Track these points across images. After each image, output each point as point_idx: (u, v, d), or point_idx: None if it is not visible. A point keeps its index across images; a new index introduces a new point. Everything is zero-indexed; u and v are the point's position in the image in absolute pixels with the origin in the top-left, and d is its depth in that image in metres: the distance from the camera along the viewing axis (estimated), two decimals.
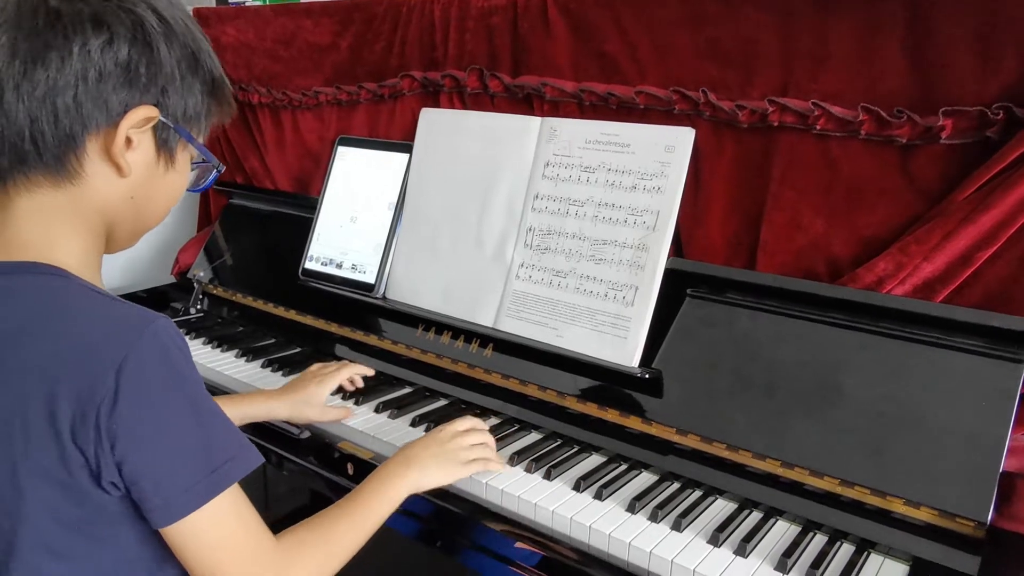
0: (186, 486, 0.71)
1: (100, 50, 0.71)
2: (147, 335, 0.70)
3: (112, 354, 0.68)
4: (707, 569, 0.89)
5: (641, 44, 1.21)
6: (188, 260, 1.86)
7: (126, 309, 0.73)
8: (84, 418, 0.67)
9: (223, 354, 1.52)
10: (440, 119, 1.45)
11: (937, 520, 0.90)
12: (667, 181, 1.16)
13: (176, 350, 0.72)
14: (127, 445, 0.68)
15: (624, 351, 1.15)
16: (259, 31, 1.74)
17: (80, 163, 0.74)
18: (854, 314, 1.02)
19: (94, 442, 0.68)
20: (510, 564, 0.99)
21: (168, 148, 0.79)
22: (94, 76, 0.71)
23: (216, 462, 0.73)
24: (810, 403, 1.01)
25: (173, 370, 0.71)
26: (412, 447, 1.03)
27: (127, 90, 0.73)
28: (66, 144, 0.72)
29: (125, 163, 0.75)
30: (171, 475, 0.71)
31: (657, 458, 1.10)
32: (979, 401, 0.92)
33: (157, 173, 0.79)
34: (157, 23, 0.74)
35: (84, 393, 0.67)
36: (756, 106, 1.11)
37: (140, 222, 0.82)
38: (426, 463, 1.00)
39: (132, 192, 0.78)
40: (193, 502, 0.72)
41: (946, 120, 0.97)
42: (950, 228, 0.97)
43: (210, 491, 0.72)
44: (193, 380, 0.74)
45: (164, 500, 0.71)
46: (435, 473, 1.00)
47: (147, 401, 0.69)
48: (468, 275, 1.35)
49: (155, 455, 0.70)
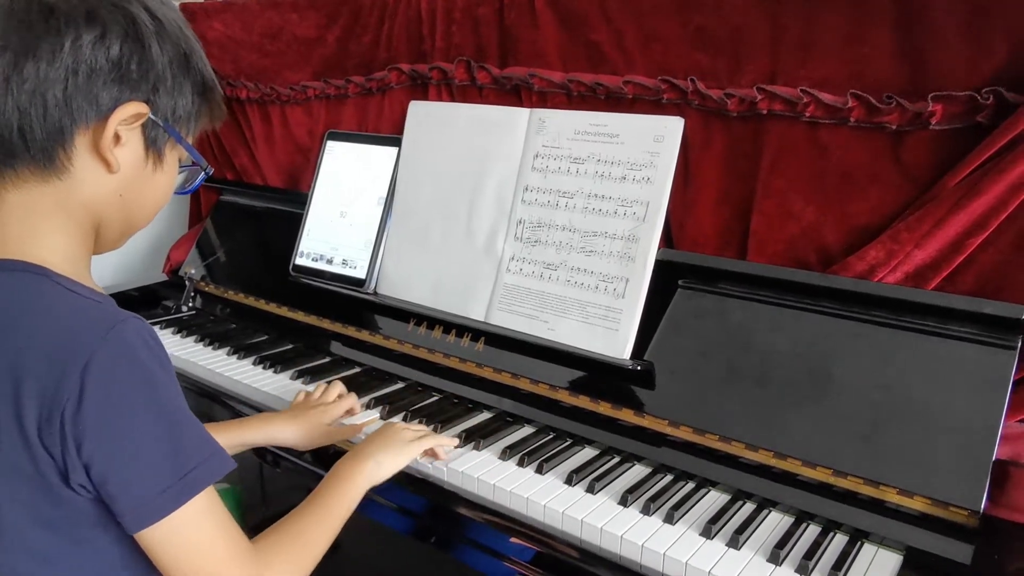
0: (156, 490, 0.70)
1: (92, 45, 0.71)
2: (113, 335, 0.69)
3: (78, 354, 0.67)
4: (699, 562, 0.88)
5: (628, 32, 1.20)
6: (179, 257, 1.85)
7: (97, 308, 0.72)
8: (50, 418, 0.67)
9: (215, 352, 1.51)
10: (429, 112, 1.44)
11: (930, 509, 0.89)
12: (657, 171, 1.15)
13: (145, 350, 0.71)
14: (93, 447, 0.68)
15: (615, 343, 1.14)
16: (246, 25, 1.73)
17: (68, 158, 0.73)
18: (846, 303, 1.01)
19: (60, 443, 0.67)
20: (503, 559, 0.99)
21: (157, 147, 0.79)
22: (85, 71, 0.71)
23: (186, 467, 0.72)
24: (803, 393, 1.00)
25: (140, 371, 0.70)
26: (360, 446, 1.05)
27: (118, 86, 0.73)
28: (55, 138, 0.72)
29: (113, 159, 0.74)
30: (140, 479, 0.70)
31: (650, 450, 1.09)
32: (972, 389, 0.91)
33: (145, 172, 0.79)
34: (150, 21, 0.74)
35: (49, 393, 0.67)
36: (745, 94, 1.10)
37: (128, 221, 0.82)
38: (377, 455, 1.02)
39: (120, 190, 0.77)
40: (164, 507, 0.71)
41: (936, 105, 0.96)
42: (941, 215, 0.96)
43: (181, 496, 0.71)
44: (163, 382, 0.72)
45: (134, 504, 0.70)
46: (387, 461, 1.03)
47: (113, 402, 0.68)
48: (459, 269, 1.34)
49: (122, 458, 0.69)
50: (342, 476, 0.98)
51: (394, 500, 1.10)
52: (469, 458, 1.10)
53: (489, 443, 1.14)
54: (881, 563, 0.89)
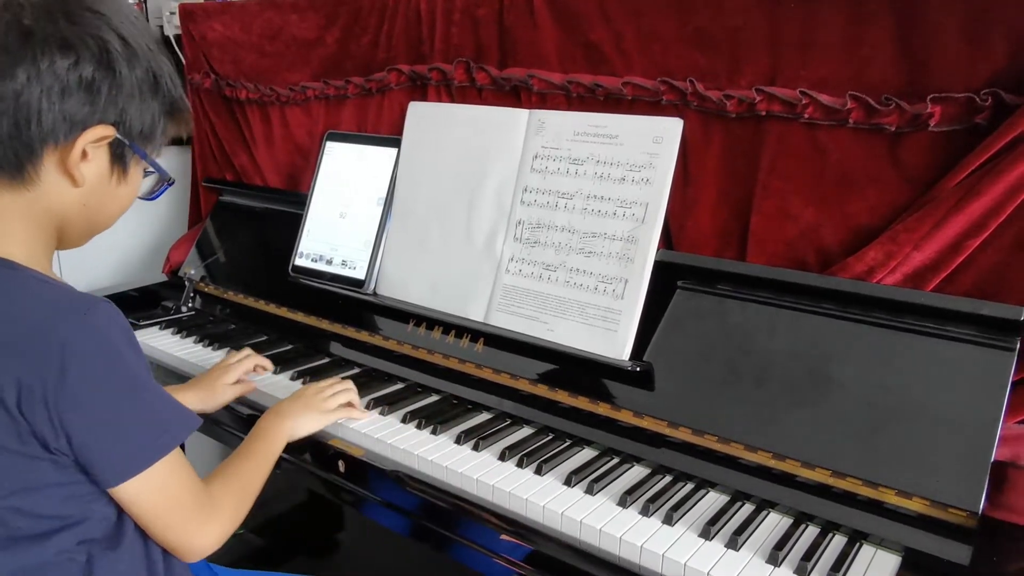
0: (133, 450, 0.80)
1: (66, 70, 0.76)
2: (89, 316, 0.76)
3: (57, 334, 0.74)
4: (698, 563, 0.88)
5: (627, 33, 1.20)
6: (179, 258, 1.85)
7: (71, 292, 0.80)
8: (31, 392, 0.74)
9: (214, 352, 1.51)
10: (428, 113, 1.44)
11: (929, 510, 0.89)
12: (656, 172, 1.15)
13: (118, 330, 0.79)
14: (74, 417, 0.75)
15: (615, 344, 1.14)
16: (245, 26, 1.73)
17: (36, 172, 0.79)
18: (845, 304, 1.01)
19: (43, 412, 0.74)
20: (501, 560, 0.99)
21: (122, 162, 0.85)
22: (57, 93, 0.76)
23: (158, 428, 0.82)
24: (802, 394, 1.00)
25: (113, 349, 0.78)
26: (282, 404, 1.17)
27: (88, 108, 0.79)
28: (25, 155, 0.78)
29: (79, 175, 0.81)
30: (117, 442, 0.79)
31: (649, 451, 1.10)
32: (971, 390, 0.91)
33: (110, 184, 0.85)
34: (122, 47, 0.80)
35: (31, 371, 0.73)
36: (744, 95, 1.10)
37: (91, 226, 0.88)
38: (297, 413, 1.15)
39: (84, 200, 0.84)
40: (140, 465, 0.80)
41: (934, 107, 0.96)
42: (940, 216, 0.96)
43: (155, 455, 0.81)
44: (132, 359, 0.80)
45: (112, 464, 0.79)
46: (305, 422, 1.15)
47: (91, 377, 0.76)
48: (458, 270, 1.34)
49: (101, 426, 0.78)
50: (266, 432, 1.10)
51: (392, 500, 1.10)
52: (468, 459, 1.10)
53: (488, 444, 1.14)
54: (880, 564, 0.89)
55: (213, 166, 1.91)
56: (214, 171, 1.91)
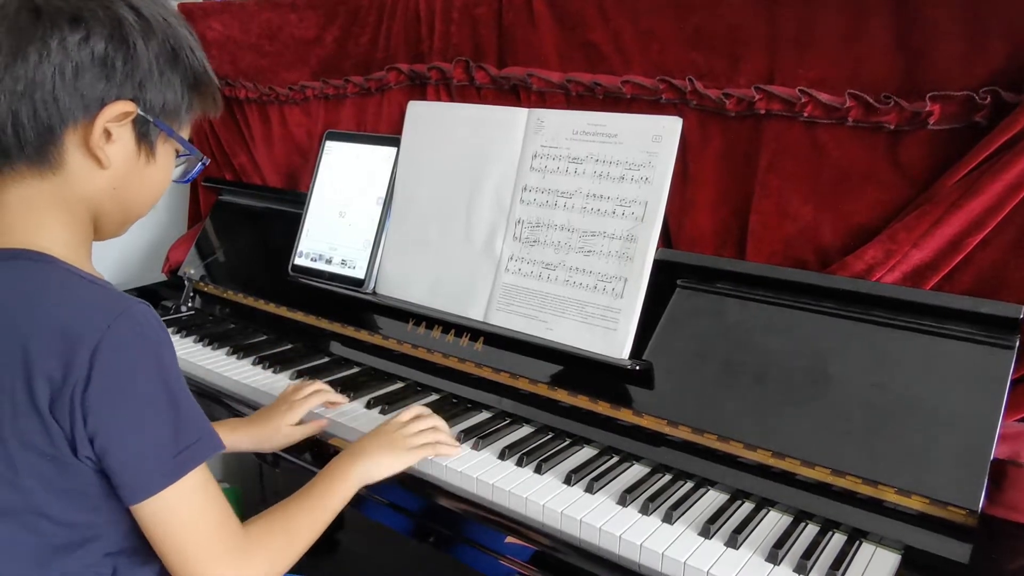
0: (154, 465, 0.74)
1: (77, 46, 0.73)
2: (123, 318, 0.73)
3: (88, 335, 0.71)
4: (698, 561, 0.88)
5: (626, 32, 1.20)
6: (179, 257, 1.85)
7: (105, 292, 0.76)
8: (60, 394, 0.71)
9: (214, 352, 1.51)
10: (427, 112, 1.44)
11: (928, 508, 0.89)
12: (655, 171, 1.15)
13: (152, 333, 0.75)
14: (98, 421, 0.72)
15: (614, 343, 1.14)
16: (244, 25, 1.73)
17: (61, 155, 0.76)
18: (844, 302, 1.01)
19: (69, 417, 0.71)
20: (501, 558, 0.99)
21: (148, 141, 0.81)
22: (71, 71, 0.73)
23: (184, 443, 0.76)
24: (801, 393, 1.00)
25: (146, 353, 0.74)
26: (361, 441, 1.06)
27: (103, 84, 0.75)
28: (46, 137, 0.75)
29: (104, 155, 0.77)
30: (140, 453, 0.74)
31: (648, 450, 1.10)
32: (970, 388, 0.91)
33: (138, 165, 0.81)
34: (135, 20, 0.76)
35: (61, 371, 0.71)
36: (743, 94, 1.10)
37: (125, 212, 0.85)
38: (375, 454, 1.03)
39: (114, 183, 0.80)
40: (159, 481, 0.75)
41: (933, 105, 0.96)
42: (939, 214, 0.96)
43: (178, 470, 0.75)
44: (166, 364, 0.76)
45: (132, 477, 0.74)
46: (385, 462, 1.03)
47: (120, 381, 0.72)
48: (458, 269, 1.34)
49: (124, 433, 0.73)
50: (337, 473, 0.99)
51: (393, 499, 1.10)
52: (468, 458, 1.10)
53: (488, 443, 1.14)
54: (879, 562, 0.90)
55: (212, 166, 1.91)
56: (213, 170, 1.91)
